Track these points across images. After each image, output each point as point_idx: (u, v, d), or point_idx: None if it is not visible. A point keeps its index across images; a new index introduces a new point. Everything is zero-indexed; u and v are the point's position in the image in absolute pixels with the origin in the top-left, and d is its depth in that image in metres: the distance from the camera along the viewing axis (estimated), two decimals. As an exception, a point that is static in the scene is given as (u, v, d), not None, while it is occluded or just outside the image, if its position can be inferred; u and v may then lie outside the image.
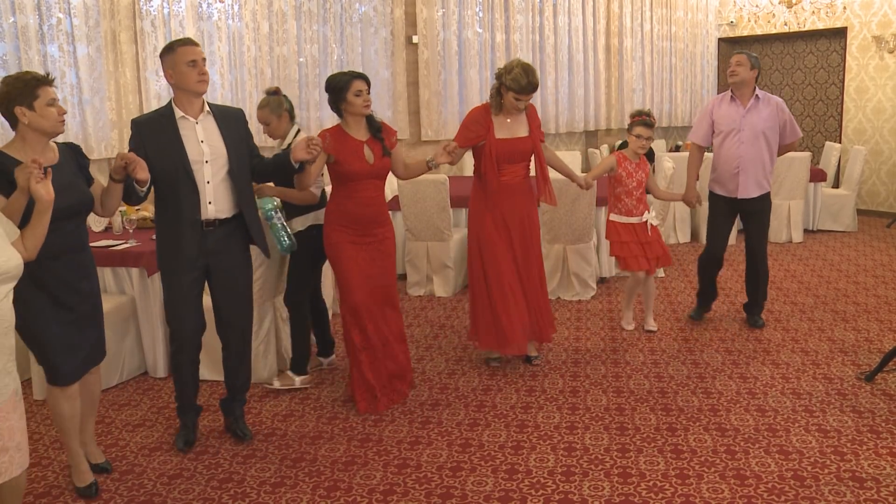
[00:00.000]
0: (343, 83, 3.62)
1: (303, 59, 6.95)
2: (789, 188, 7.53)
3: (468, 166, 7.68)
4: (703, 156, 5.02)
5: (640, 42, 9.69)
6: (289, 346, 4.22)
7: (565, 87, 8.99)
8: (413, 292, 6.04)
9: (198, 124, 3.21)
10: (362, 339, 3.74)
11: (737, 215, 4.97)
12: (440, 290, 6.00)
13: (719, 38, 10.59)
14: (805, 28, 9.61)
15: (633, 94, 9.71)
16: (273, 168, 3.39)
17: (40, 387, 4.02)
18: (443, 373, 4.30)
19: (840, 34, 9.40)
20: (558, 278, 5.72)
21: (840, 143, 9.20)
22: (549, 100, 8.86)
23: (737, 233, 6.75)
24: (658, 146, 9.20)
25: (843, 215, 8.09)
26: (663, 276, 6.33)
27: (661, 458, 3.23)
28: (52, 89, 2.78)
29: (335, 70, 7.16)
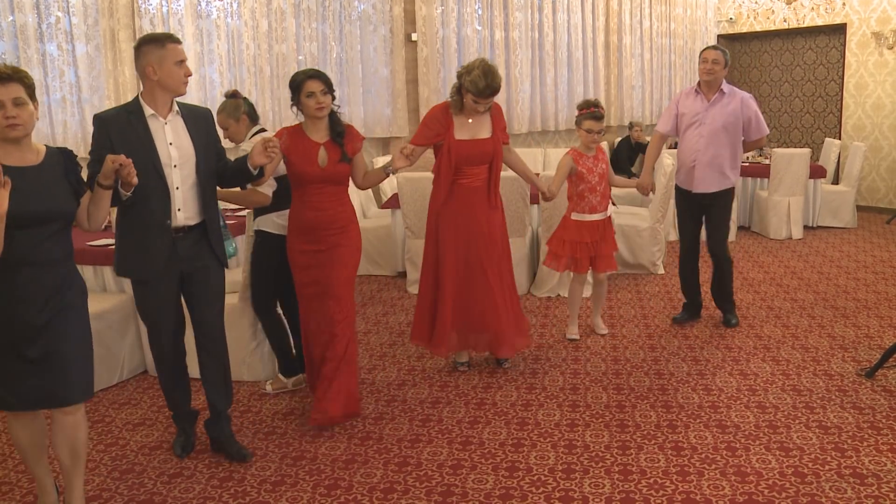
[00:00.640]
0: (296, 83, 3.43)
1: (302, 56, 6.94)
2: (789, 185, 7.53)
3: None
4: (663, 145, 4.97)
5: (639, 39, 9.69)
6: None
7: (564, 84, 8.98)
8: (413, 290, 6.03)
9: (167, 124, 3.00)
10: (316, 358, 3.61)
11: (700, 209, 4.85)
12: (440, 287, 5.98)
13: (718, 35, 10.58)
14: (804, 24, 9.61)
15: (633, 91, 9.71)
16: (232, 174, 3.20)
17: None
18: (443, 371, 4.30)
19: (839, 30, 9.40)
20: (558, 276, 5.71)
21: (840, 139, 9.21)
22: (548, 97, 8.86)
23: (737, 229, 6.73)
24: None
25: (842, 212, 8.09)
26: (663, 272, 6.32)
27: (662, 455, 3.23)
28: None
29: (334, 68, 7.17)
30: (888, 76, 8.83)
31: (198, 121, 3.10)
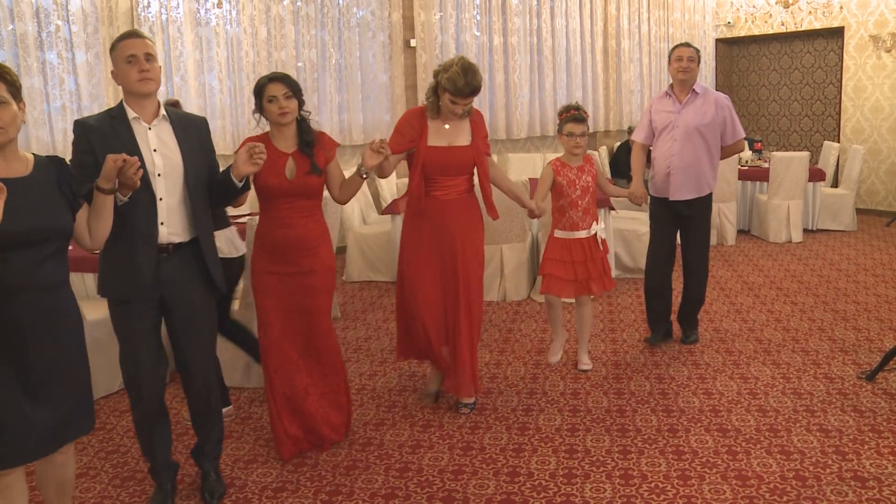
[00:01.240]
0: (258, 88, 3.12)
1: (301, 63, 6.96)
2: (788, 188, 7.54)
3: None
4: (645, 154, 4.59)
5: (637, 44, 9.71)
6: None
7: (563, 89, 9.01)
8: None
9: (150, 130, 2.73)
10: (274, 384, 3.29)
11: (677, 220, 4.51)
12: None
13: (717, 39, 10.61)
14: (802, 28, 9.63)
15: (632, 95, 9.73)
16: (217, 190, 2.88)
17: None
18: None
19: (837, 34, 9.42)
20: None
21: (838, 142, 9.22)
22: (547, 102, 8.88)
23: (739, 234, 6.70)
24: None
25: (842, 215, 8.10)
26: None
27: (663, 460, 3.23)
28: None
29: (334, 74, 7.20)
30: (886, 79, 8.85)
31: (188, 129, 2.82)
